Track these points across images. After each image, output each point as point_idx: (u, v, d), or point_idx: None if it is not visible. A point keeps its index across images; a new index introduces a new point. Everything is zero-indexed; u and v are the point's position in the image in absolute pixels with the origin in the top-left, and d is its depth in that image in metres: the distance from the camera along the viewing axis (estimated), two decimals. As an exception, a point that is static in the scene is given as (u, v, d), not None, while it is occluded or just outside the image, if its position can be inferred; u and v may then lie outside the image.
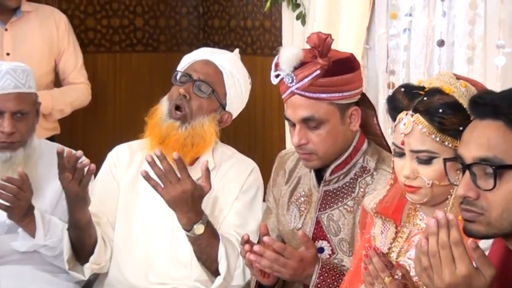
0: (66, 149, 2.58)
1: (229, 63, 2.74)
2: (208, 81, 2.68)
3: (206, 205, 2.63)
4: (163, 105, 2.72)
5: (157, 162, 2.48)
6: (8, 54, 3.65)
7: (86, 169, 2.56)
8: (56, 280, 2.83)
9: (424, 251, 1.58)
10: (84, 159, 2.59)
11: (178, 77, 2.73)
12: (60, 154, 2.55)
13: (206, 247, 2.57)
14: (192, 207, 2.51)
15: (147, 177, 2.48)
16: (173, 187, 2.48)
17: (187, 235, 2.56)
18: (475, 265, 1.55)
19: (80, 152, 2.59)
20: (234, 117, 2.81)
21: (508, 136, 1.56)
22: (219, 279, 2.60)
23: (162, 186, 2.49)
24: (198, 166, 2.60)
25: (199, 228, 2.53)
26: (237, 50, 2.89)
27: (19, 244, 2.76)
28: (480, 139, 1.59)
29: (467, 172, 1.60)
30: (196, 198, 2.51)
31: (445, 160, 1.74)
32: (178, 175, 2.48)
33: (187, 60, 2.77)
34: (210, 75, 2.70)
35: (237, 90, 2.75)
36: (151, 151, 2.58)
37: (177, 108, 2.67)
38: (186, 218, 2.53)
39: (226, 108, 2.75)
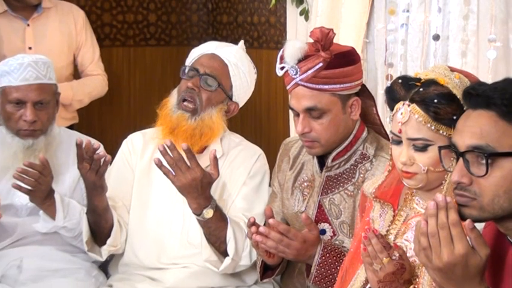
0: (85, 141, 2.58)
1: (234, 56, 2.73)
2: (214, 74, 2.67)
3: (215, 190, 2.63)
4: (173, 98, 2.71)
5: (168, 152, 2.48)
6: (30, 48, 3.64)
7: (102, 160, 2.56)
8: (75, 260, 2.84)
9: (423, 231, 1.57)
10: (101, 151, 2.59)
11: (186, 71, 2.72)
12: (78, 145, 2.55)
13: (215, 230, 2.57)
14: (201, 193, 2.51)
15: (159, 165, 2.48)
16: (183, 175, 2.47)
17: (197, 219, 2.56)
18: (471, 244, 1.55)
19: (97, 144, 2.59)
20: (240, 106, 2.80)
21: (500, 125, 1.56)
22: (227, 260, 2.60)
23: (173, 173, 2.49)
24: (207, 154, 2.60)
25: (208, 213, 2.53)
26: (241, 42, 2.87)
27: (40, 226, 2.78)
28: (473, 128, 1.58)
29: (460, 159, 1.60)
30: (205, 184, 2.51)
31: (440, 148, 1.74)
32: (188, 164, 2.48)
33: (194, 54, 2.76)
34: (216, 68, 2.69)
35: (243, 81, 2.74)
36: (163, 140, 2.58)
37: (184, 100, 2.67)
38: (196, 203, 2.53)
39: (233, 99, 2.74)
